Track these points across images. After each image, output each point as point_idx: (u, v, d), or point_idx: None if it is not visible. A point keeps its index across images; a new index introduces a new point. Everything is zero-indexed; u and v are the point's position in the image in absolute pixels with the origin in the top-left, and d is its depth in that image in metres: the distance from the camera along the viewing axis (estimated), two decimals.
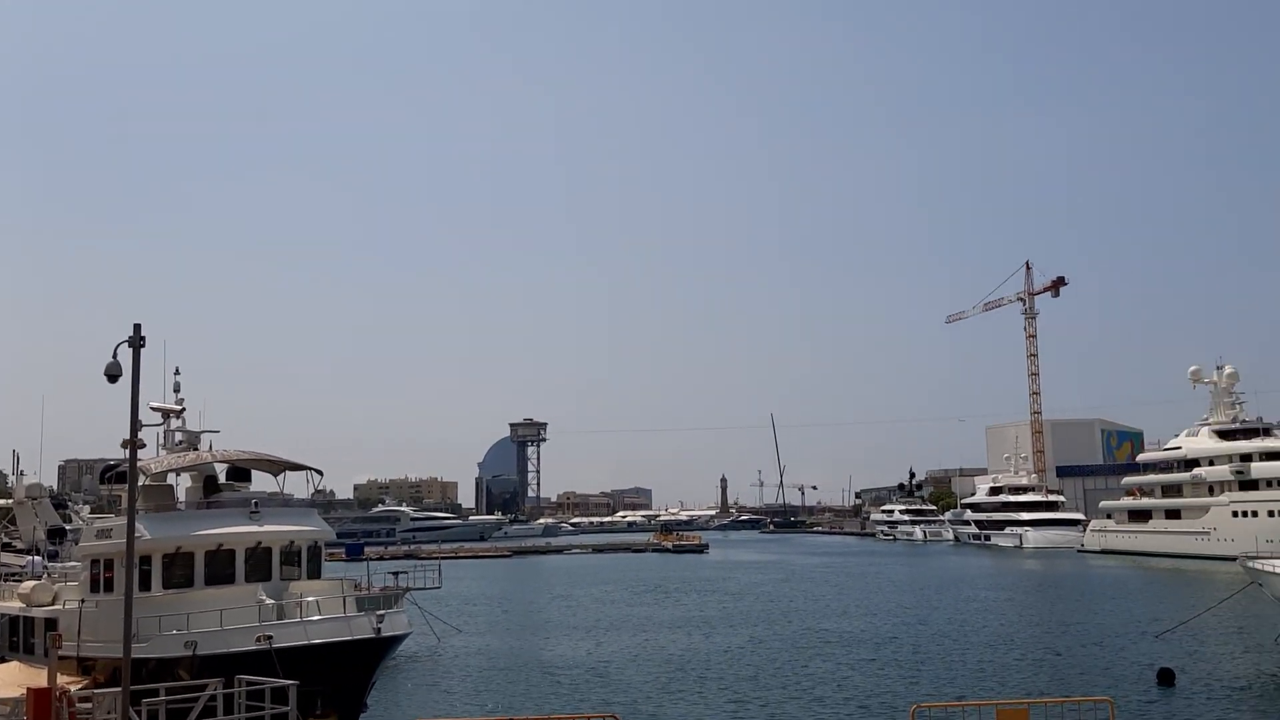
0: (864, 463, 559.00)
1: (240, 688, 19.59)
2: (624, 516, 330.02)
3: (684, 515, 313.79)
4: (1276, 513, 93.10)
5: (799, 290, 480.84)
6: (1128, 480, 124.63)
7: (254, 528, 28.60)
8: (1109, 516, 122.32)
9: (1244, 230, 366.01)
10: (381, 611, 27.24)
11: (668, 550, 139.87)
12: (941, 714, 15.14)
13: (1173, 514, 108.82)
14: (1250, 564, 38.09)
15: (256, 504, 29.61)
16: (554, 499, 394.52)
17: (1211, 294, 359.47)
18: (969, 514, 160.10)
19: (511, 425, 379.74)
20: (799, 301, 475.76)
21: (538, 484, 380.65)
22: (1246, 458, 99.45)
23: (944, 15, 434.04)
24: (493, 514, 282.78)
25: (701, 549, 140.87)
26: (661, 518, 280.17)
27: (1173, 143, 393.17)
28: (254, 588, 27.30)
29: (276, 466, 32.88)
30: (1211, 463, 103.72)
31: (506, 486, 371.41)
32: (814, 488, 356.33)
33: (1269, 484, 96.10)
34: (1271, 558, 38.90)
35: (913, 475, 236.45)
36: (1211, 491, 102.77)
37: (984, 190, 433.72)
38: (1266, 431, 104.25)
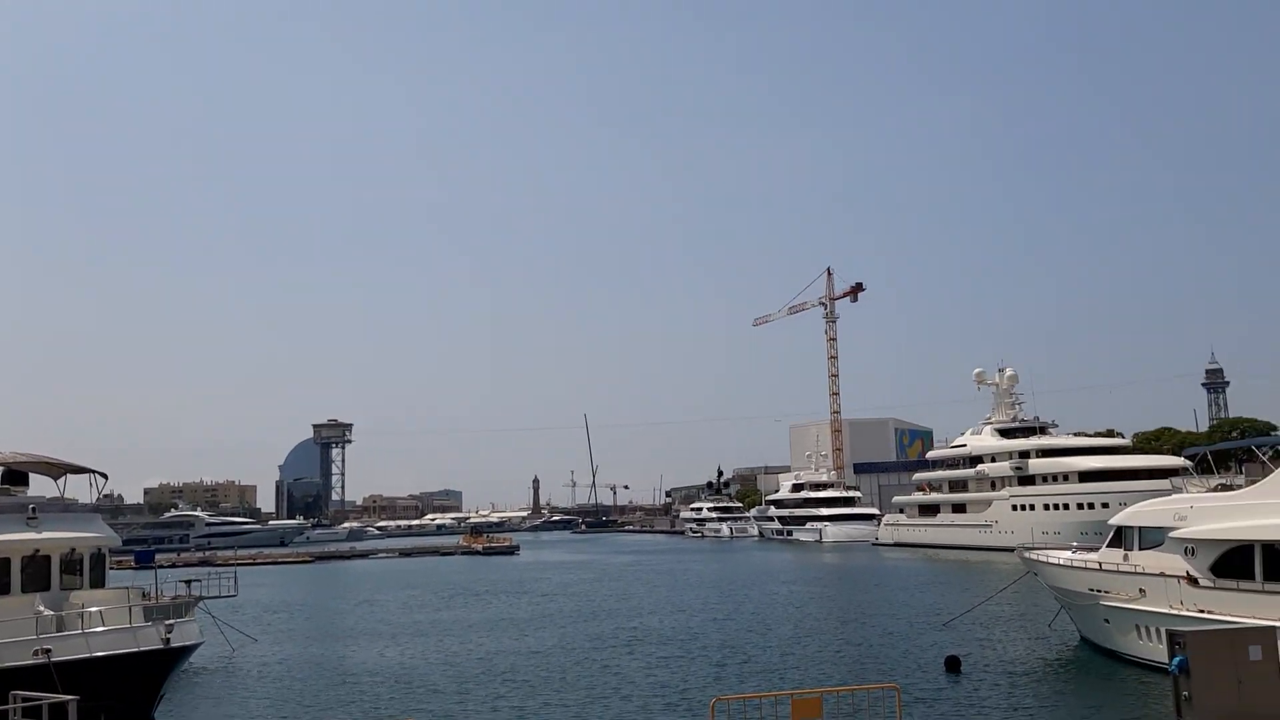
0: (676, 462, 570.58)
1: (15, 704, 18.20)
2: (433, 519, 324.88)
3: (495, 517, 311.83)
4: (1052, 506, 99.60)
5: (612, 292, 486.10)
6: (918, 476, 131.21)
7: (31, 535, 26.76)
8: (901, 511, 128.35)
9: (1026, 236, 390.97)
10: (170, 621, 25.92)
11: (478, 553, 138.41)
12: (740, 706, 15.44)
13: (959, 508, 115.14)
14: (1027, 554, 40.52)
15: (34, 509, 27.67)
16: (359, 502, 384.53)
17: (994, 300, 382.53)
18: (773, 510, 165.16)
19: (315, 426, 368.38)
20: (612, 303, 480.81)
21: (342, 487, 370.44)
22: (1025, 454, 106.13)
23: (756, 18, 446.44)
24: (294, 518, 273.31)
25: (512, 550, 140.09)
26: (472, 520, 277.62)
27: (963, 151, 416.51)
28: (31, 598, 25.56)
29: (57, 469, 30.80)
30: (994, 459, 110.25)
31: (309, 490, 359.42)
32: (626, 487, 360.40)
33: (1045, 479, 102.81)
34: (1046, 548, 41.52)
35: (721, 474, 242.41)
36: (994, 486, 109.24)
37: (791, 197, 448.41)
38: (1043, 430, 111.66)
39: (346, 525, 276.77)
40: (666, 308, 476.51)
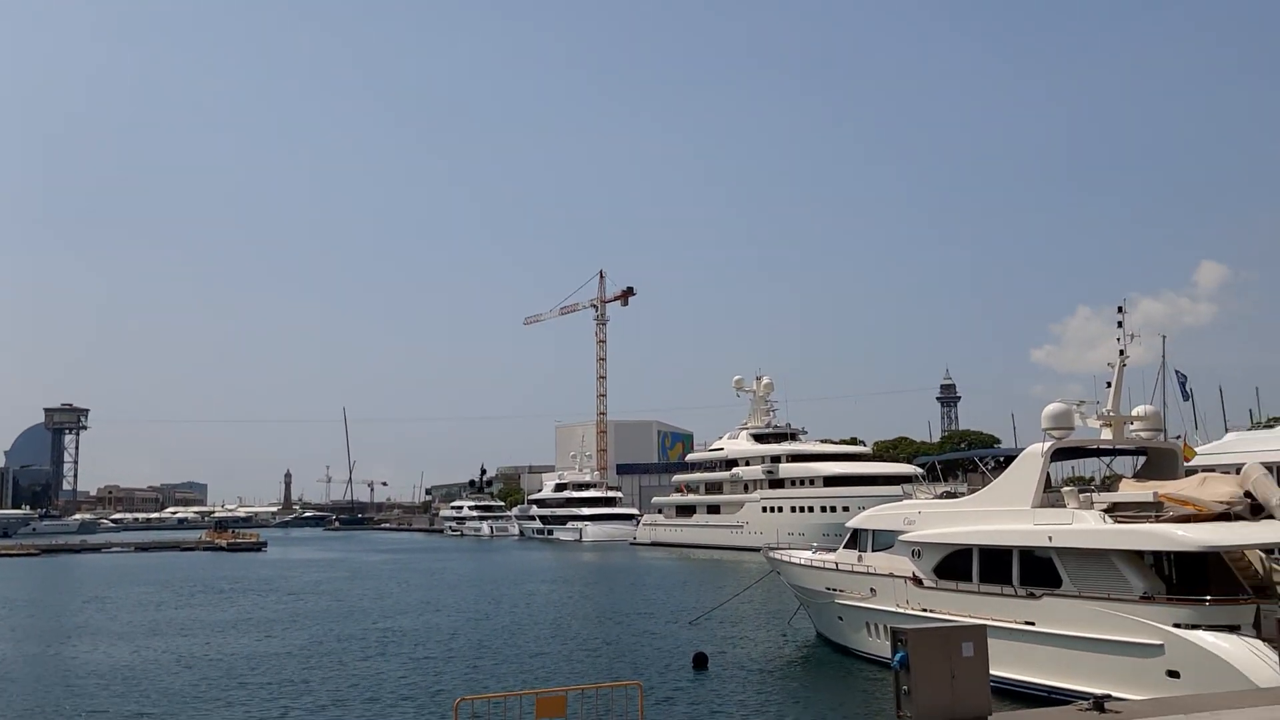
0: (438, 460, 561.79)
1: None
2: (175, 513, 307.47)
3: (243, 512, 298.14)
4: (799, 508, 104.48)
5: (376, 283, 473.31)
6: (678, 478, 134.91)
7: None
8: (660, 511, 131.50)
9: (779, 248, 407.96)
10: None
11: (222, 548, 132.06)
12: (485, 706, 15.45)
13: (714, 509, 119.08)
14: (771, 554, 42.35)
15: None
16: (94, 493, 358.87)
17: (754, 309, 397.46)
18: (535, 510, 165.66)
19: (46, 411, 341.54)
20: (376, 295, 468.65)
21: (75, 476, 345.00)
22: (776, 459, 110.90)
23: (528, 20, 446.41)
24: (20, 508, 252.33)
25: (259, 547, 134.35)
26: (217, 514, 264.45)
27: (727, 161, 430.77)
28: None
29: None
30: (748, 463, 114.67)
31: (38, 478, 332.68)
32: (384, 484, 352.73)
33: (794, 482, 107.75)
34: (790, 549, 43.53)
35: (484, 472, 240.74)
36: (747, 489, 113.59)
37: (566, 198, 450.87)
38: (794, 436, 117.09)
39: (78, 517, 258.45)
40: (435, 302, 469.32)
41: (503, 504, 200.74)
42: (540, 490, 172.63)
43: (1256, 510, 25.40)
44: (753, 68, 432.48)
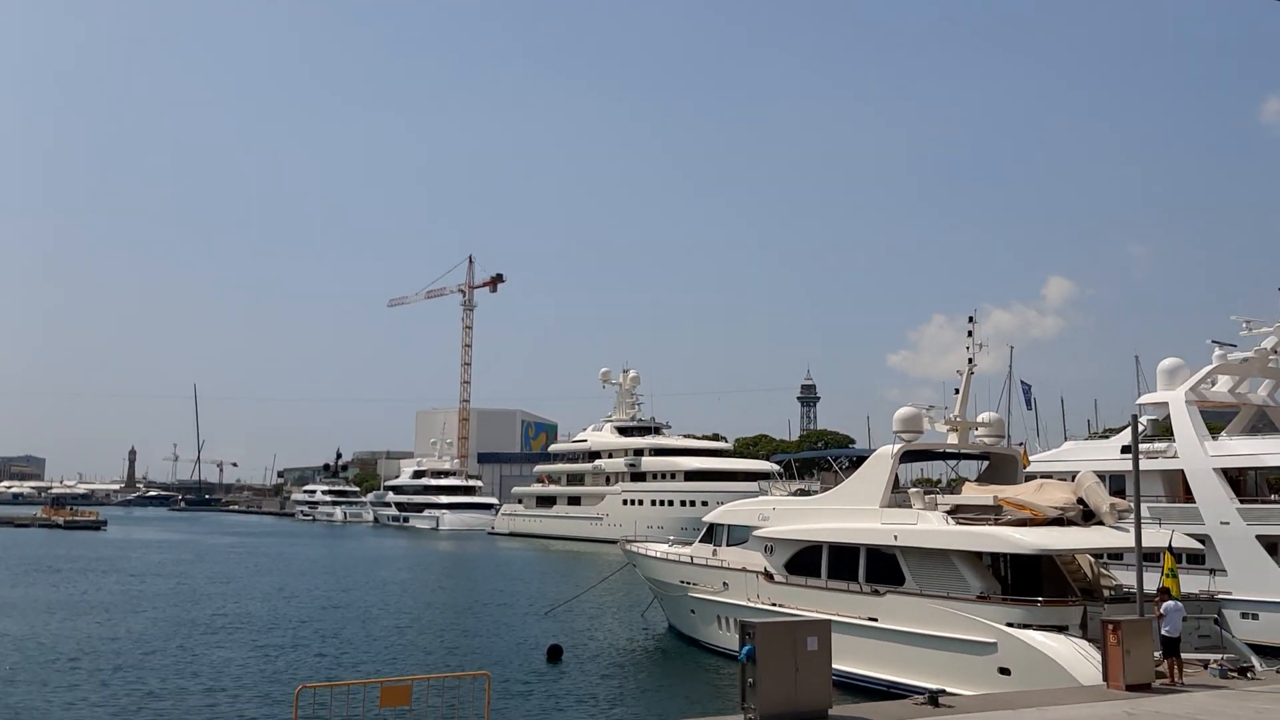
0: (293, 442, 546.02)
1: None
2: (9, 487, 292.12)
3: (82, 488, 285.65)
4: (660, 502, 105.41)
5: (230, 258, 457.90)
6: (539, 468, 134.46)
7: None
8: (520, 501, 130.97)
9: (646, 244, 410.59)
10: None
11: (58, 526, 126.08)
12: (326, 694, 15.10)
13: (574, 501, 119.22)
14: (628, 547, 42.64)
15: None
16: None
17: (621, 302, 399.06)
18: (391, 496, 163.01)
19: None
20: (230, 270, 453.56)
21: None
22: (639, 452, 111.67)
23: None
24: None
25: (99, 525, 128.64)
26: (54, 490, 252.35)
27: (602, 154, 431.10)
28: None
29: None
30: (611, 455, 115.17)
31: None
32: (235, 464, 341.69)
33: (655, 476, 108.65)
34: (646, 542, 43.88)
35: (339, 456, 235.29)
36: (609, 481, 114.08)
37: (436, 178, 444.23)
38: (657, 430, 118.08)
39: None
40: (295, 281, 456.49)
41: (358, 489, 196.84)
42: (398, 477, 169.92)
43: (1088, 516, 26.76)
44: (626, 57, 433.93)
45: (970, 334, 32.98)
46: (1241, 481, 38.87)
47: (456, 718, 16.90)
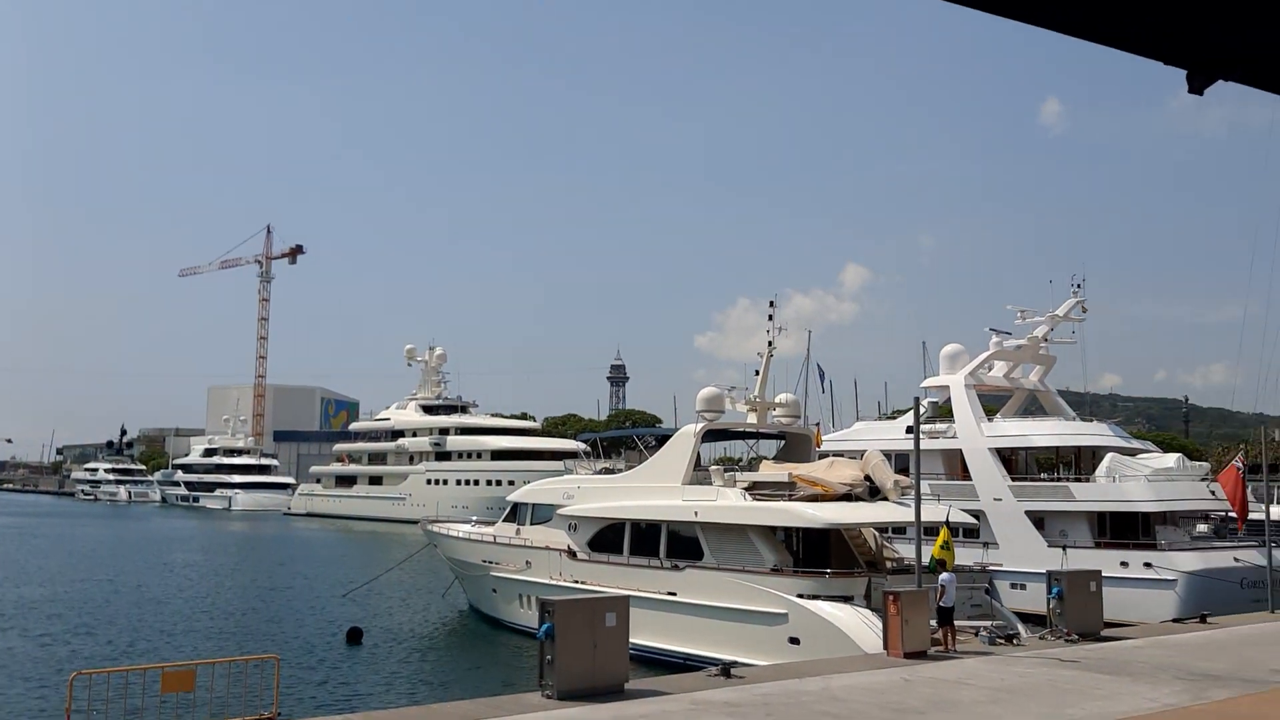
0: (74, 418, 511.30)
1: None
2: None
3: None
4: (465, 482, 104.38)
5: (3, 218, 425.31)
6: (339, 447, 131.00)
7: None
8: (318, 481, 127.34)
9: (454, 222, 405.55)
10: None
11: None
12: (103, 680, 14.29)
13: (376, 480, 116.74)
14: (429, 527, 42.10)
15: None
16: None
17: (428, 278, 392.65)
18: (180, 475, 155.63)
19: None
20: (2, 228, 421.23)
21: None
22: (445, 431, 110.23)
23: None
24: None
25: None
26: None
27: (404, 128, 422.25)
28: None
29: None
30: (415, 434, 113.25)
31: None
32: (9, 441, 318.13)
33: (461, 455, 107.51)
34: (449, 522, 43.43)
35: (124, 433, 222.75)
36: (412, 460, 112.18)
37: (231, 143, 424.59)
38: (464, 409, 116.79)
39: None
40: (77, 245, 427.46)
41: (144, 468, 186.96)
42: (188, 455, 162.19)
43: (874, 492, 28.12)
44: (438, 29, 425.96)
45: (771, 318, 34.02)
46: (1013, 460, 41.65)
47: (245, 702, 16.32)
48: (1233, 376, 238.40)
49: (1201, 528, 42.28)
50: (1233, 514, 34.48)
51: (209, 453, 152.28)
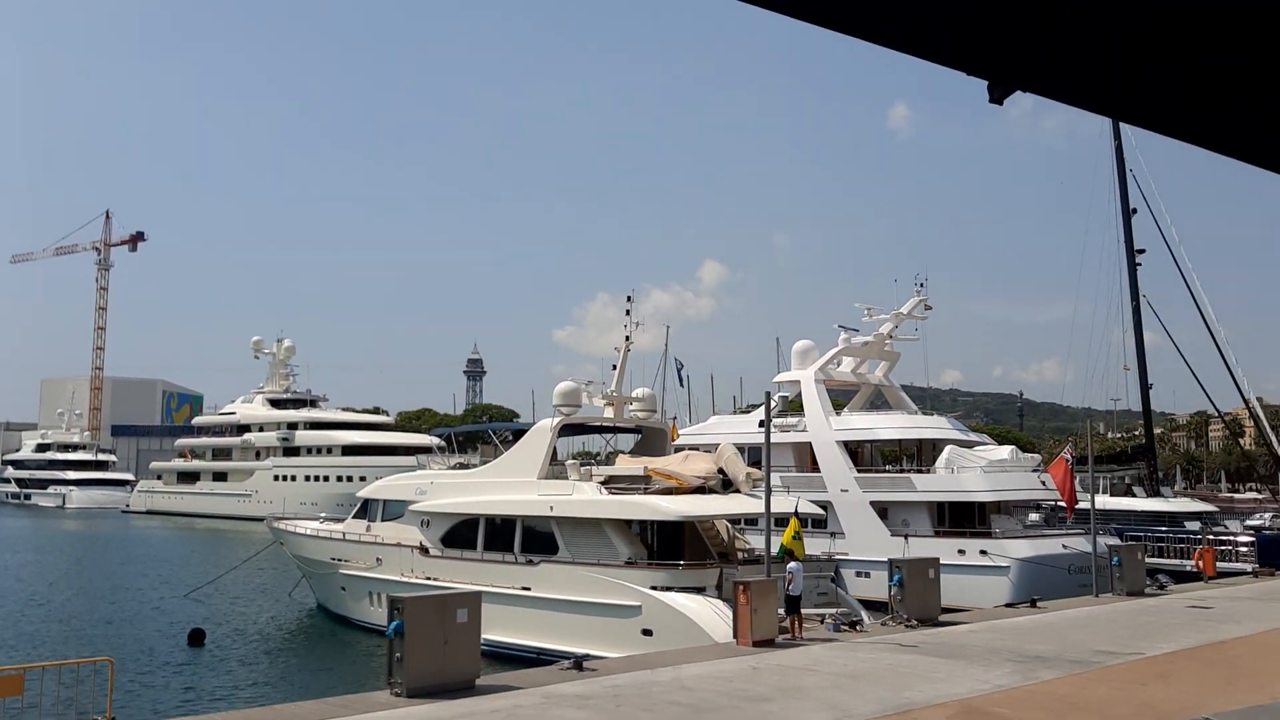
0: None
1: None
2: None
3: None
4: (315, 478, 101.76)
5: None
6: (181, 442, 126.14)
7: None
8: (159, 478, 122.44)
9: (299, 213, 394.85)
10: None
11: None
12: None
13: (220, 476, 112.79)
14: (275, 524, 40.98)
15: None
16: None
17: (276, 270, 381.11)
18: (10, 472, 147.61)
19: None
20: None
21: None
22: (293, 426, 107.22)
23: None
24: None
25: None
26: None
27: (259, 121, 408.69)
28: None
29: None
30: (262, 429, 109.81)
31: None
32: None
33: (310, 451, 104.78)
34: (296, 519, 42.34)
35: None
36: (259, 456, 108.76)
37: (68, 122, 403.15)
38: (313, 403, 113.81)
39: None
40: None
41: None
42: (19, 450, 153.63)
43: (727, 485, 28.63)
44: (295, 11, 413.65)
45: (628, 313, 34.24)
46: (859, 453, 42.99)
47: (77, 708, 15.59)
48: (1063, 373, 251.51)
49: (1033, 516, 44.46)
50: (1062, 503, 36.35)
51: (42, 448, 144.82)
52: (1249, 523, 57.51)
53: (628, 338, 33.94)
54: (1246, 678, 17.30)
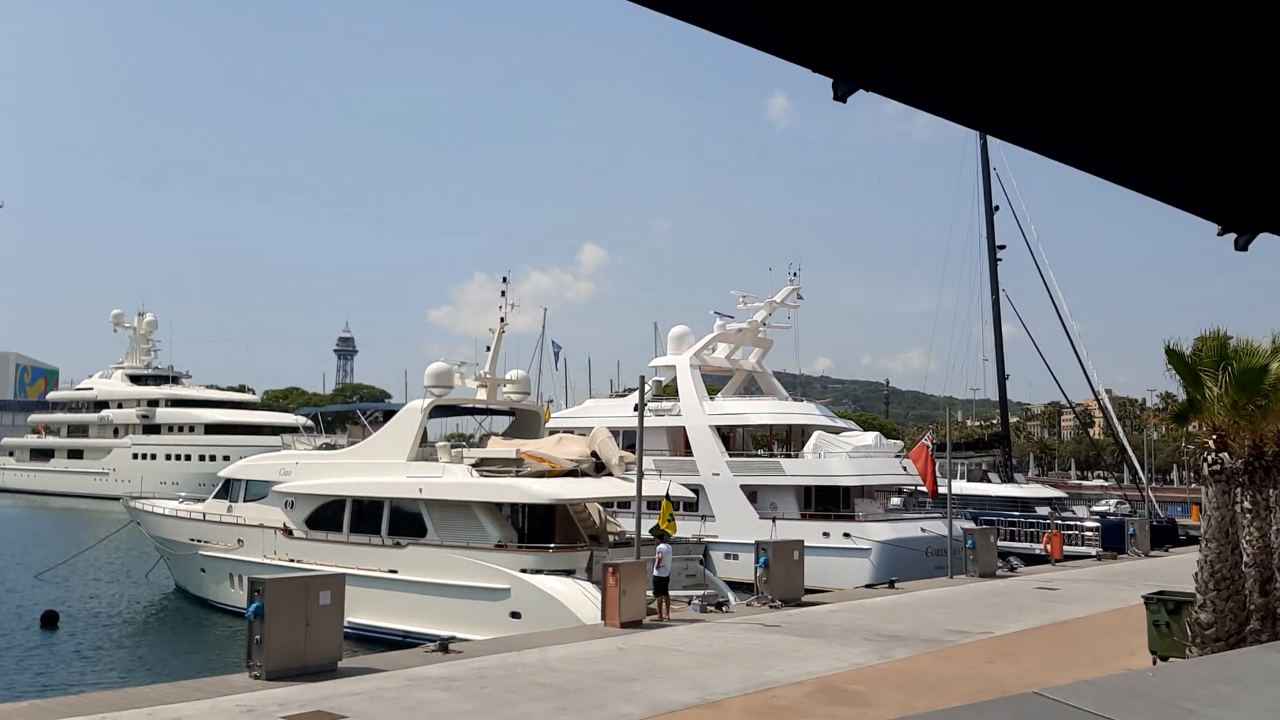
0: None
1: None
2: None
3: None
4: (176, 456, 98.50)
5: None
6: (35, 418, 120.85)
7: None
8: (10, 454, 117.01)
9: (172, 178, 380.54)
10: None
11: None
12: None
13: (76, 454, 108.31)
14: (132, 504, 39.64)
15: None
16: None
17: (137, 241, 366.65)
18: None
19: None
20: None
21: None
22: (154, 403, 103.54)
23: None
24: None
25: None
26: None
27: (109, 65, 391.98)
28: None
29: None
30: (121, 405, 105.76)
31: None
32: None
33: (171, 429, 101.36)
34: (154, 498, 40.98)
35: None
36: (117, 433, 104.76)
37: None
38: (176, 379, 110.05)
39: None
40: None
41: None
42: None
43: (600, 468, 28.79)
44: None
45: (504, 294, 34.02)
46: (731, 437, 43.70)
47: None
48: (927, 362, 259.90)
49: (895, 501, 45.92)
50: (923, 488, 37.62)
51: None
52: (1095, 508, 60.45)
53: (502, 319, 33.75)
54: (1086, 654, 18.24)
